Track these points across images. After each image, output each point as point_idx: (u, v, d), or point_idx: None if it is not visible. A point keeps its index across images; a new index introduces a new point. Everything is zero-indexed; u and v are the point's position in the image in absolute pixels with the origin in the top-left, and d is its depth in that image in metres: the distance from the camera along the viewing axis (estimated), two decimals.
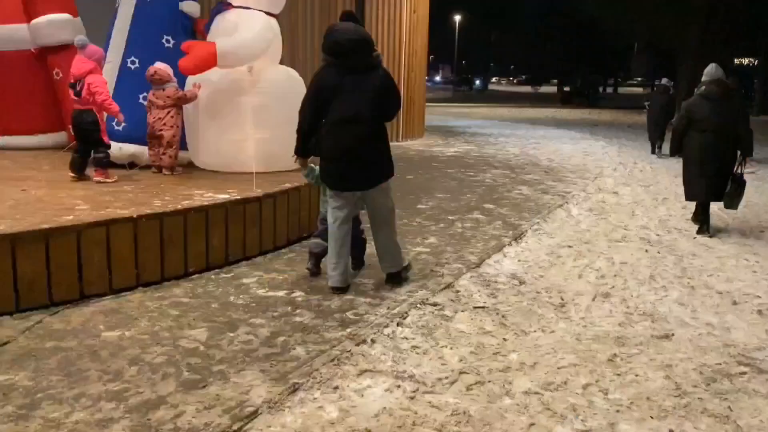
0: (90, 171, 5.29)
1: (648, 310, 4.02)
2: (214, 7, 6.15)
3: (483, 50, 56.72)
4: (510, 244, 5.32)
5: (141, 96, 5.82)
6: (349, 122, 3.82)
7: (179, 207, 4.27)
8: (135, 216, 4.00)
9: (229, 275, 4.34)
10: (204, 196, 4.68)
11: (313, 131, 3.98)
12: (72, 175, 5.17)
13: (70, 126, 5.32)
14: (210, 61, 5.29)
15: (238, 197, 4.67)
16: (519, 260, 4.93)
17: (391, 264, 4.15)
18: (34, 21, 6.72)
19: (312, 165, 4.24)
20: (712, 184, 5.81)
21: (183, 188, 4.98)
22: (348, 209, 4.03)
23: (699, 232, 5.94)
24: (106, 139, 5.28)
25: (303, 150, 4.08)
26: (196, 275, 4.30)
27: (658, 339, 3.58)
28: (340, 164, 3.89)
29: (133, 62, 5.88)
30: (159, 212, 4.13)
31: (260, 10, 5.77)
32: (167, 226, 4.15)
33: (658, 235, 5.95)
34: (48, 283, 3.64)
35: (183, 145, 5.99)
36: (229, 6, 5.91)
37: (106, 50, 6.05)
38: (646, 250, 5.38)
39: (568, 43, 43.26)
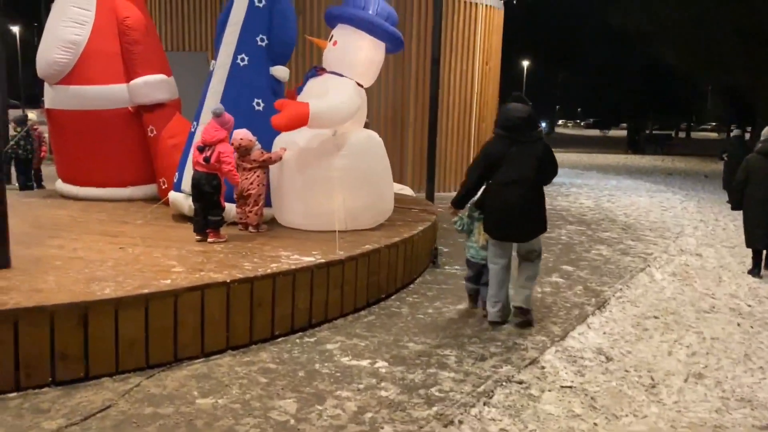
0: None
1: (746, 395, 3.84)
2: (308, 71, 6.40)
3: (549, 92, 56.37)
4: (593, 313, 5.19)
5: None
6: (516, 184, 4.53)
7: (268, 271, 4.40)
8: (228, 281, 4.14)
9: (312, 339, 4.41)
10: (290, 258, 4.80)
11: (476, 190, 4.79)
12: (198, 238, 5.35)
13: (190, 186, 5.52)
14: (302, 120, 5.50)
15: (323, 260, 4.77)
16: (604, 332, 4.80)
17: (524, 302, 4.69)
18: (132, 81, 7.16)
19: (461, 215, 4.99)
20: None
21: (269, 248, 5.13)
22: (508, 256, 4.75)
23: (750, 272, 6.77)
24: (223, 202, 5.47)
25: (461, 203, 4.90)
26: (282, 338, 4.39)
27: (759, 430, 3.40)
28: (506, 219, 4.59)
29: None
30: (250, 276, 4.27)
31: (351, 79, 5.99)
32: (257, 290, 4.28)
33: (749, 305, 5.69)
34: (146, 346, 3.80)
35: (268, 202, 6.20)
36: (323, 71, 6.16)
37: (199, 111, 6.40)
38: (738, 324, 5.15)
39: (638, 86, 42.46)
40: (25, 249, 4.74)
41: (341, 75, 6.02)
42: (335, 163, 5.86)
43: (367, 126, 6.55)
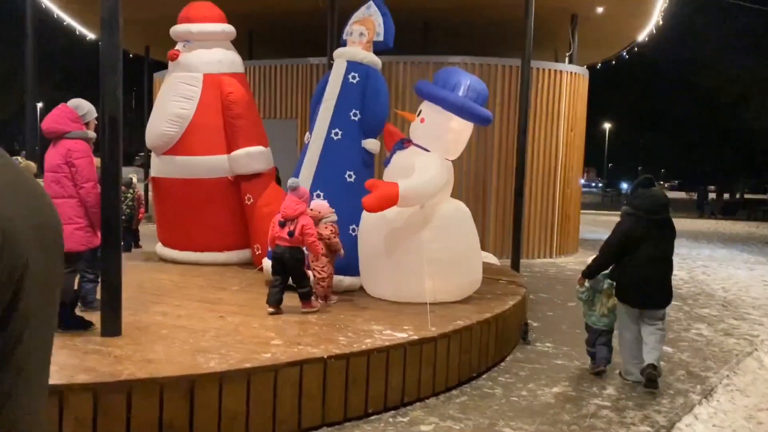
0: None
1: None
2: (396, 142, 6.55)
3: (631, 153, 55.08)
4: (700, 402, 4.89)
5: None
6: (657, 261, 5.10)
7: (363, 347, 4.43)
8: (325, 357, 4.19)
9: (405, 419, 4.36)
10: (383, 333, 4.82)
11: (609, 265, 5.32)
12: (271, 310, 5.32)
13: (272, 260, 5.61)
14: (392, 201, 5.60)
15: (416, 337, 4.76)
16: (714, 425, 4.50)
17: (657, 360, 5.02)
18: (234, 153, 7.56)
19: (587, 286, 5.42)
20: None
21: (361, 321, 5.17)
22: (638, 322, 5.22)
23: None
24: (308, 272, 5.53)
25: (592, 275, 5.38)
26: (375, 416, 4.37)
27: None
28: (647, 290, 5.11)
29: (318, 195, 6.36)
30: (346, 352, 4.31)
31: (438, 153, 6.07)
32: (352, 366, 4.31)
33: None
34: (246, 419, 3.87)
35: (355, 272, 6.30)
36: (409, 143, 6.29)
37: None
38: None
39: (726, 148, 40.80)
40: (132, 315, 4.98)
41: (427, 150, 6.11)
42: (424, 235, 5.90)
43: None
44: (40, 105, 46.55)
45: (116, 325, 4.53)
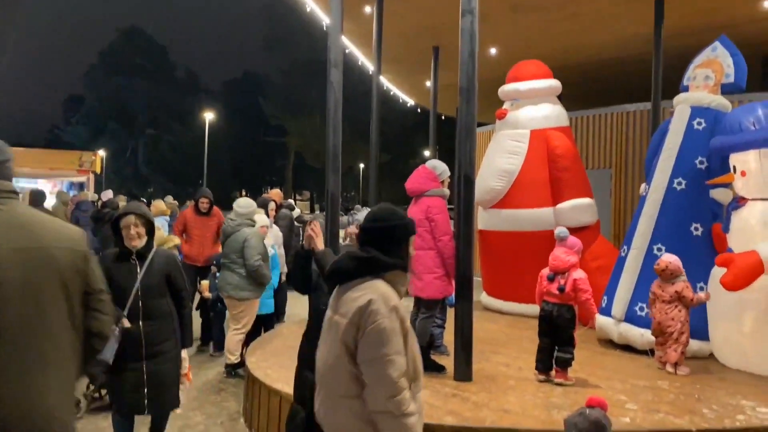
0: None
1: None
2: (729, 202, 5.83)
3: None
4: None
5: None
6: None
7: (737, 424, 3.92)
8: (694, 430, 3.81)
9: None
10: (756, 410, 4.22)
11: None
12: (541, 377, 4.89)
13: (540, 319, 5.04)
14: (756, 272, 4.91)
15: None
16: None
17: None
18: (560, 205, 7.56)
19: None
20: None
21: (724, 394, 4.60)
22: None
23: None
24: (576, 338, 4.94)
25: None
26: None
27: None
28: None
29: (659, 249, 5.95)
30: (718, 428, 3.86)
31: None
32: None
33: None
34: None
35: (706, 335, 5.67)
36: (744, 200, 5.53)
37: (630, 236, 6.34)
38: None
39: None
40: (476, 363, 5.19)
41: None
42: None
43: None
44: (362, 165, 53.30)
45: (468, 372, 4.78)
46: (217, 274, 6.68)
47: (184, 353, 3.99)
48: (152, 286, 3.77)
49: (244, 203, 6.50)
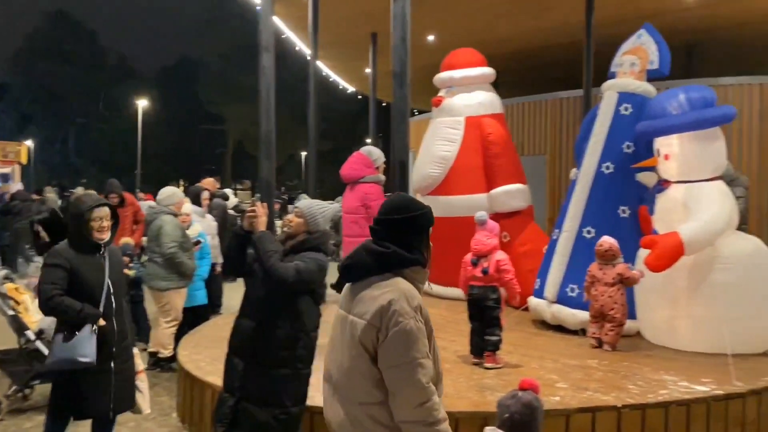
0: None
1: None
2: (653, 186, 6.04)
3: None
4: None
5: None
6: None
7: (660, 398, 4.08)
8: (619, 405, 3.94)
9: None
10: (678, 384, 4.40)
11: None
12: (476, 360, 4.95)
13: (468, 303, 5.11)
14: (677, 254, 5.10)
15: (720, 392, 4.25)
16: None
17: None
18: (493, 191, 7.66)
19: None
20: None
21: (650, 371, 4.78)
22: None
23: None
24: (503, 321, 5.00)
25: None
26: None
27: None
28: None
29: (588, 232, 6.12)
30: (642, 402, 4.01)
31: (708, 179, 5.48)
32: (649, 418, 3.99)
33: None
34: None
35: (633, 314, 5.87)
36: (668, 183, 5.74)
37: (562, 220, 6.48)
38: None
39: None
40: None
41: (691, 181, 5.52)
42: (716, 278, 5.31)
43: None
44: (303, 153, 52.74)
45: None
46: (130, 265, 6.63)
47: (136, 350, 3.91)
48: (118, 280, 3.71)
49: (165, 191, 6.40)
